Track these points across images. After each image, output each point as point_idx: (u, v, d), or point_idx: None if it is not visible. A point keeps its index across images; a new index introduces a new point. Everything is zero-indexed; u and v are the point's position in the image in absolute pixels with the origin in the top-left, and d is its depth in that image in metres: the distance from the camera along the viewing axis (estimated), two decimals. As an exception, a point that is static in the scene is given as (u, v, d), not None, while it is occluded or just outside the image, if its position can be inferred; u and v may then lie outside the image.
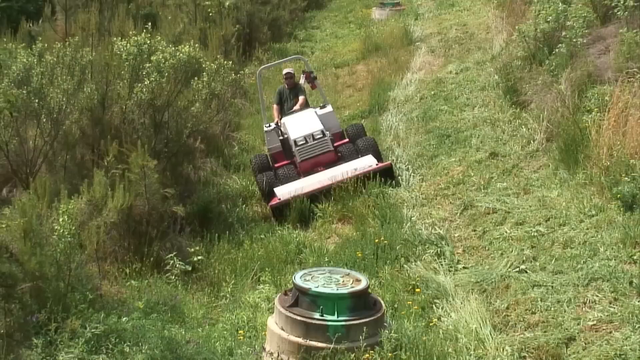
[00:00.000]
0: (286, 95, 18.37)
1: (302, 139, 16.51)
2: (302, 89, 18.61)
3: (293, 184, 15.90)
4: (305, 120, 17.05)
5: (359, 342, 8.28)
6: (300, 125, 16.92)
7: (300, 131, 16.68)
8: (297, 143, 16.53)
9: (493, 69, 19.52)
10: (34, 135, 13.76)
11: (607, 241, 10.55)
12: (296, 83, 18.59)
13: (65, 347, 8.96)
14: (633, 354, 8.10)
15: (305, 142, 16.51)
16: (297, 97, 18.21)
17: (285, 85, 18.53)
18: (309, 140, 16.52)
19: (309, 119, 17.07)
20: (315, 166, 16.35)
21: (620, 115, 12.31)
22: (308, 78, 18.78)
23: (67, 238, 10.08)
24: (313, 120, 16.98)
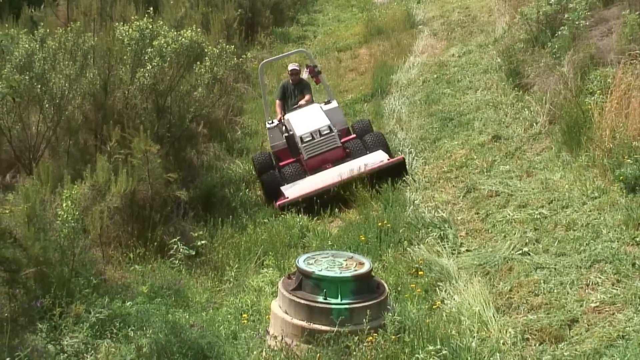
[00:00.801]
0: (290, 91, 17.66)
1: (309, 135, 15.93)
2: (308, 85, 17.89)
3: (301, 182, 15.41)
4: (310, 116, 16.49)
5: (362, 325, 8.29)
6: (306, 120, 16.32)
7: (306, 127, 16.08)
8: (303, 139, 15.93)
9: (495, 51, 19.48)
10: (37, 121, 13.80)
11: (610, 223, 10.55)
12: (301, 79, 17.85)
13: (70, 332, 9.00)
14: (636, 335, 8.12)
15: (311, 139, 15.91)
16: (302, 93, 17.58)
17: (289, 81, 17.86)
18: (315, 136, 15.92)
19: (314, 115, 16.49)
20: (322, 163, 15.77)
21: (623, 97, 12.30)
22: (312, 72, 17.93)
23: (71, 223, 10.12)
24: (319, 116, 16.41)
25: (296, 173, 15.71)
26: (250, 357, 8.34)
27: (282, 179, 15.71)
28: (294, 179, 15.54)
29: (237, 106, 21.25)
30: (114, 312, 9.59)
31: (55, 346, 8.66)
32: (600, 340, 8.28)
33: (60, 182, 11.65)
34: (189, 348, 8.14)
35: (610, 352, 8.04)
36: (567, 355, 8.19)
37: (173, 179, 13.50)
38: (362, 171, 14.88)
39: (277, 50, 26.24)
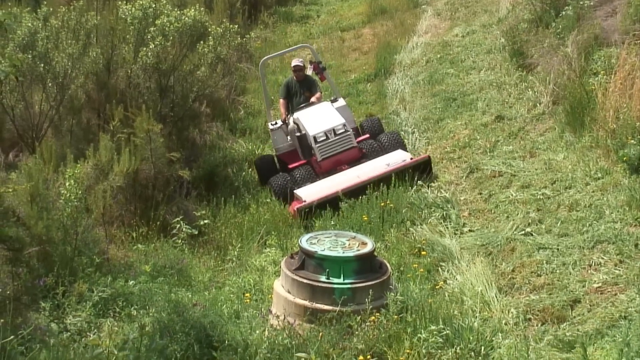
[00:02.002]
0: (295, 89, 16.41)
1: (323, 135, 14.70)
2: (315, 82, 16.82)
3: (317, 183, 14.28)
4: (323, 114, 15.28)
5: (364, 305, 8.31)
6: (319, 119, 15.11)
7: (320, 126, 14.85)
8: (317, 139, 14.68)
9: (499, 31, 19.43)
10: (40, 100, 13.81)
11: (613, 204, 10.56)
12: (306, 75, 16.64)
13: (73, 311, 9.02)
14: (638, 316, 8.12)
15: (326, 138, 14.69)
16: (309, 90, 16.38)
17: (293, 78, 16.61)
18: (330, 135, 14.71)
19: (327, 113, 15.33)
20: (336, 165, 14.63)
21: (627, 78, 12.28)
22: (316, 69, 16.75)
23: (74, 202, 10.15)
24: (332, 114, 15.25)
25: (308, 176, 14.66)
26: (253, 336, 8.35)
27: (293, 183, 14.56)
28: (305, 182, 14.45)
29: (240, 86, 21.23)
30: (117, 291, 9.62)
31: (58, 325, 8.69)
32: (602, 321, 8.30)
33: (63, 161, 11.67)
34: (192, 327, 8.15)
35: (612, 332, 8.05)
36: (569, 335, 8.21)
37: (176, 158, 13.51)
38: (385, 171, 13.77)
39: (280, 30, 26.21)
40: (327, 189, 13.75)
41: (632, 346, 5.70)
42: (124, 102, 13.90)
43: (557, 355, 7.84)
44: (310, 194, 13.71)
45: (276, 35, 25.70)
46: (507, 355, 7.68)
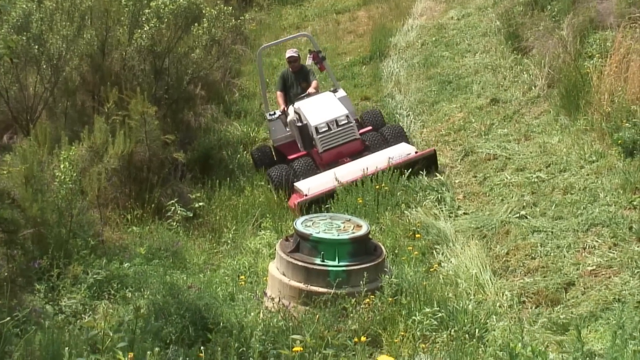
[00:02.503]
0: (291, 80, 15.89)
1: (325, 126, 14.18)
2: (312, 71, 16.23)
3: (318, 177, 13.73)
4: (325, 104, 14.76)
5: (359, 287, 8.32)
6: (321, 109, 14.58)
7: (322, 117, 14.31)
8: (318, 130, 14.16)
9: (495, 14, 19.41)
10: (34, 82, 13.78)
11: (607, 187, 10.58)
12: (302, 65, 16.06)
13: (68, 293, 9.05)
14: (632, 299, 8.16)
15: (327, 129, 14.17)
16: (305, 81, 15.84)
17: (289, 69, 16.10)
18: (332, 126, 14.20)
19: (329, 103, 14.81)
20: (338, 157, 14.10)
21: (622, 61, 12.29)
22: (316, 58, 16.02)
23: (68, 184, 10.15)
24: (335, 104, 14.74)
25: (308, 168, 14.13)
26: (248, 319, 8.37)
27: (293, 175, 14.09)
28: (305, 174, 13.92)
29: (235, 68, 21.21)
30: (112, 273, 9.64)
31: (53, 307, 8.70)
32: (596, 303, 8.33)
33: (58, 143, 11.66)
34: (187, 309, 8.16)
35: (606, 315, 8.08)
36: (563, 318, 8.24)
37: (170, 140, 13.53)
38: (389, 165, 13.10)
39: (275, 12, 26.16)
40: (329, 183, 13.26)
41: (626, 329, 5.73)
42: (119, 85, 13.90)
43: (551, 338, 7.87)
44: (312, 188, 13.27)
45: (271, 17, 25.67)
46: (501, 337, 7.70)
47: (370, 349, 7.79)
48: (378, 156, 13.67)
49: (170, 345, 7.59)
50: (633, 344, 5.18)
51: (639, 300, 8.10)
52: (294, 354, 5.21)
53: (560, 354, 6.95)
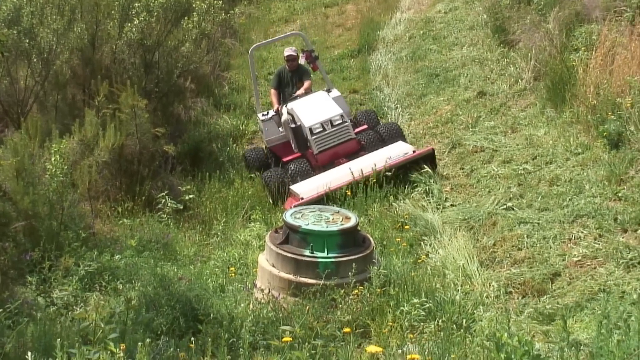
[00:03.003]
0: (287, 79, 15.30)
1: (319, 126, 13.62)
2: (307, 71, 15.60)
3: (314, 179, 13.10)
4: (319, 104, 14.21)
5: (348, 278, 8.33)
6: (315, 110, 14.04)
7: (316, 117, 13.77)
8: (313, 131, 13.59)
9: (482, 8, 19.41)
10: (25, 75, 13.77)
11: (593, 179, 10.61)
12: (299, 65, 15.41)
13: (60, 285, 9.04)
14: (617, 289, 8.19)
15: (322, 130, 13.61)
16: (301, 80, 15.26)
17: (286, 67, 15.48)
18: (326, 127, 13.63)
19: (323, 103, 14.25)
20: (334, 158, 13.53)
21: (607, 54, 12.32)
22: (309, 58, 15.48)
23: (60, 177, 10.15)
24: (329, 104, 14.17)
25: (303, 170, 13.50)
26: (238, 310, 8.38)
27: (287, 177, 13.52)
28: (301, 177, 13.29)
29: (225, 62, 21.20)
30: (103, 265, 9.64)
31: (45, 298, 8.71)
32: (581, 294, 8.36)
33: (49, 136, 11.65)
34: (177, 301, 8.17)
35: (592, 305, 8.11)
36: (549, 308, 8.26)
37: (161, 133, 13.52)
38: (387, 165, 12.72)
39: (264, 6, 26.14)
40: (325, 185, 12.64)
41: (611, 318, 5.74)
42: (109, 78, 13.89)
43: (538, 328, 7.89)
44: (308, 191, 12.64)
45: (260, 11, 25.65)
46: (488, 327, 7.72)
47: (359, 339, 7.81)
48: (375, 156, 13.13)
49: (161, 336, 7.60)
50: (618, 334, 5.20)
51: (623, 291, 8.14)
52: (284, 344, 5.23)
53: (546, 344, 6.97)
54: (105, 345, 5.41)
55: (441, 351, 6.02)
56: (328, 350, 6.65)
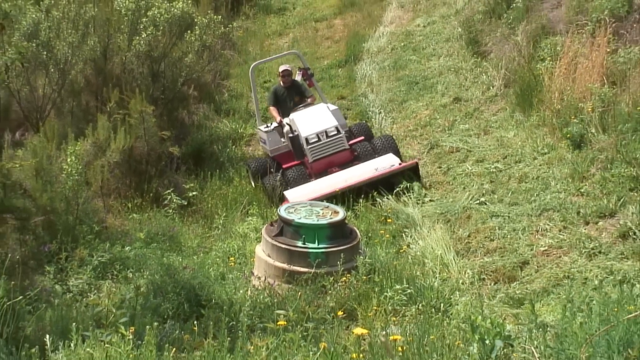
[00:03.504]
0: (284, 96, 14.74)
1: (315, 137, 13.31)
2: (304, 86, 15.01)
3: (306, 186, 12.90)
4: (317, 116, 13.80)
5: (337, 267, 8.34)
6: (312, 121, 13.66)
7: (312, 128, 13.44)
8: (308, 141, 13.28)
9: (457, 22, 19.40)
10: (43, 84, 13.72)
11: (558, 176, 10.62)
12: (294, 80, 14.92)
13: (75, 274, 9.03)
14: (580, 276, 8.20)
15: (317, 140, 13.29)
16: (298, 95, 14.76)
17: (280, 83, 14.97)
18: (321, 137, 13.30)
19: (321, 114, 13.81)
20: (328, 166, 13.21)
21: (571, 64, 12.33)
22: (305, 75, 14.99)
23: (75, 176, 10.14)
24: (326, 116, 13.73)
25: (300, 176, 13.24)
26: (237, 296, 8.37)
27: (285, 183, 13.21)
28: (298, 182, 13.02)
29: (224, 71, 21.13)
30: (115, 256, 9.61)
31: (62, 286, 8.68)
32: (548, 280, 8.37)
33: (65, 139, 11.64)
34: (182, 287, 8.16)
35: (557, 290, 8.12)
36: (519, 293, 8.27)
37: (167, 136, 13.51)
38: (372, 176, 12.49)
39: (260, 21, 26.08)
40: (314, 192, 12.31)
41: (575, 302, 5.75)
42: (120, 86, 13.88)
43: (508, 311, 7.90)
44: (297, 197, 12.19)
45: (256, 25, 25.55)
46: (464, 311, 7.72)
47: (347, 322, 7.81)
48: (364, 167, 12.84)
49: (168, 320, 7.58)
50: (581, 316, 5.21)
51: (586, 277, 8.15)
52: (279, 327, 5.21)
53: (516, 326, 6.97)
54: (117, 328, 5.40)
55: (421, 332, 6.01)
56: (319, 332, 6.64)
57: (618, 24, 12.32)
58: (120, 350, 4.94)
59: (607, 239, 8.84)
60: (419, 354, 5.30)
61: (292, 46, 22.48)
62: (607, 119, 10.88)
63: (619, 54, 11.81)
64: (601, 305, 5.26)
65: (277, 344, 4.95)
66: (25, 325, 6.70)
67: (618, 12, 12.45)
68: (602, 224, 9.15)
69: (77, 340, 5.03)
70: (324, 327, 7.07)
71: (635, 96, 10.66)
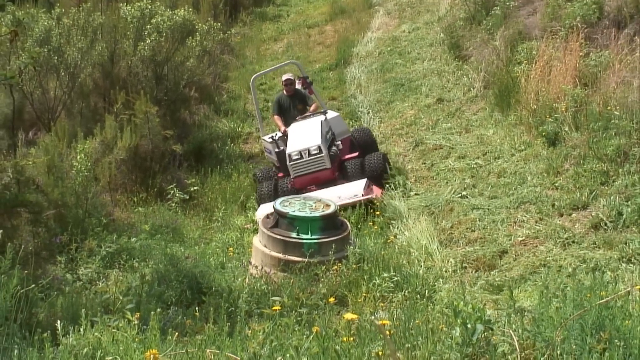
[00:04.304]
0: (287, 104, 13.99)
1: (297, 154, 12.44)
2: (306, 95, 14.21)
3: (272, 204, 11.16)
4: (306, 132, 12.93)
5: (328, 256, 8.33)
6: (299, 137, 12.84)
7: (297, 145, 12.62)
8: (291, 158, 12.47)
9: (440, 28, 19.37)
10: (55, 87, 13.74)
11: (534, 171, 10.62)
12: (296, 89, 14.15)
13: (85, 263, 9.03)
14: (555, 264, 8.21)
15: (299, 157, 12.44)
16: (302, 103, 13.99)
17: (284, 92, 14.19)
18: (304, 155, 12.42)
19: (310, 131, 12.92)
20: (309, 183, 12.47)
21: (545, 66, 12.32)
22: (304, 83, 14.29)
23: (84, 172, 10.15)
24: (313, 133, 12.80)
25: (286, 189, 12.48)
26: (236, 283, 8.36)
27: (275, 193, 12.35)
28: (283, 195, 11.80)
29: (223, 74, 21.07)
30: (121, 246, 9.60)
31: (72, 275, 8.68)
32: (525, 268, 8.37)
33: (75, 138, 11.66)
34: (184, 276, 8.14)
35: (534, 277, 8.13)
36: (498, 280, 8.27)
37: (170, 135, 13.52)
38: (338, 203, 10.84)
39: (256, 27, 26.02)
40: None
41: (550, 288, 5.75)
42: (126, 88, 13.91)
43: (489, 297, 7.90)
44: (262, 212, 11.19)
45: (253, 31, 25.48)
46: (447, 297, 7.71)
47: (338, 307, 7.80)
48: (334, 191, 11.86)
49: (171, 306, 7.58)
50: (556, 302, 5.20)
51: (560, 265, 8.16)
52: (274, 312, 5.20)
53: (496, 311, 6.96)
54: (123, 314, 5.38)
55: (407, 317, 5.99)
56: (312, 317, 6.63)
57: (589, 29, 12.32)
58: (126, 334, 4.92)
59: (580, 229, 8.85)
60: (405, 337, 5.29)
61: (287, 51, 22.45)
62: (579, 118, 10.88)
63: (590, 58, 11.81)
64: (575, 291, 5.25)
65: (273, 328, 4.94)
66: (38, 311, 6.69)
67: (589, 19, 12.45)
68: (576, 216, 9.16)
69: (87, 325, 5.01)
70: (316, 313, 7.06)
71: (606, 97, 10.67)
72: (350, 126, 14.88)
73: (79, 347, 4.67)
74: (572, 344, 4.58)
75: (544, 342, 4.69)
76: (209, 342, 5.02)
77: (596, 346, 4.47)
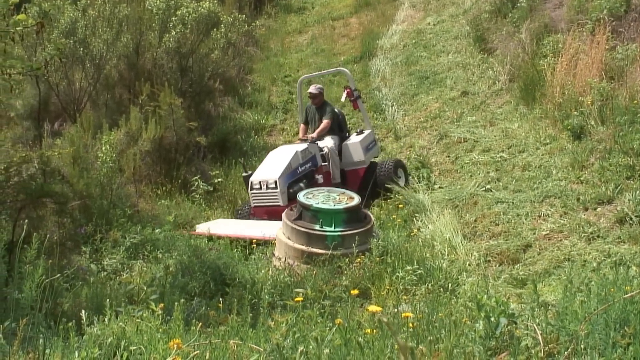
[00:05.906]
0: (312, 115, 13.33)
1: (258, 184, 11.66)
2: (327, 110, 13.05)
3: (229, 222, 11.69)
4: (274, 162, 12.06)
5: (352, 249, 8.33)
6: (267, 166, 12.04)
7: (261, 174, 11.80)
8: (252, 186, 11.69)
9: (465, 20, 19.33)
10: (80, 78, 13.80)
11: (559, 165, 10.58)
12: (323, 102, 13.20)
13: (109, 254, 9.06)
14: (579, 258, 8.16)
15: (259, 188, 11.63)
16: (321, 119, 13.09)
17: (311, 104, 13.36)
18: (263, 187, 11.60)
19: (277, 162, 12.01)
20: (265, 214, 11.59)
21: (571, 60, 12.27)
22: (350, 95, 13.39)
23: (109, 164, 10.19)
24: (278, 165, 11.85)
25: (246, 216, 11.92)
26: (259, 275, 8.37)
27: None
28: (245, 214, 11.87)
29: (248, 66, 21.12)
30: (145, 237, 9.63)
31: (97, 265, 8.72)
32: (549, 262, 8.33)
33: (100, 129, 11.71)
34: (208, 267, 8.17)
35: (558, 272, 8.09)
36: (522, 274, 8.23)
37: (194, 127, 13.56)
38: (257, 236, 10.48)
39: (281, 19, 26.03)
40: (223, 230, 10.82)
41: (574, 283, 5.72)
42: (151, 80, 13.96)
43: (512, 291, 7.87)
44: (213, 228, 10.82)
45: (277, 23, 25.52)
46: (470, 290, 7.69)
47: (361, 300, 7.80)
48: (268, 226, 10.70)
49: (195, 297, 7.60)
50: (580, 296, 5.18)
51: (585, 260, 8.10)
52: (297, 304, 5.21)
53: (519, 304, 6.94)
54: (147, 304, 5.40)
55: (430, 310, 5.98)
56: (335, 309, 6.63)
57: (616, 22, 12.25)
58: (150, 324, 4.95)
59: (605, 224, 8.80)
60: (428, 329, 5.29)
61: (311, 43, 22.46)
62: (605, 112, 10.82)
63: (617, 51, 11.74)
64: (599, 285, 5.22)
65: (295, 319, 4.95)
66: (63, 301, 6.74)
67: (616, 12, 12.38)
68: (601, 210, 9.11)
69: (111, 315, 5.04)
70: (339, 305, 7.06)
71: (632, 90, 10.60)
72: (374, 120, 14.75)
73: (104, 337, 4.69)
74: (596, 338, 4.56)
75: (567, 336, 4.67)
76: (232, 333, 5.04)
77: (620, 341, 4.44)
